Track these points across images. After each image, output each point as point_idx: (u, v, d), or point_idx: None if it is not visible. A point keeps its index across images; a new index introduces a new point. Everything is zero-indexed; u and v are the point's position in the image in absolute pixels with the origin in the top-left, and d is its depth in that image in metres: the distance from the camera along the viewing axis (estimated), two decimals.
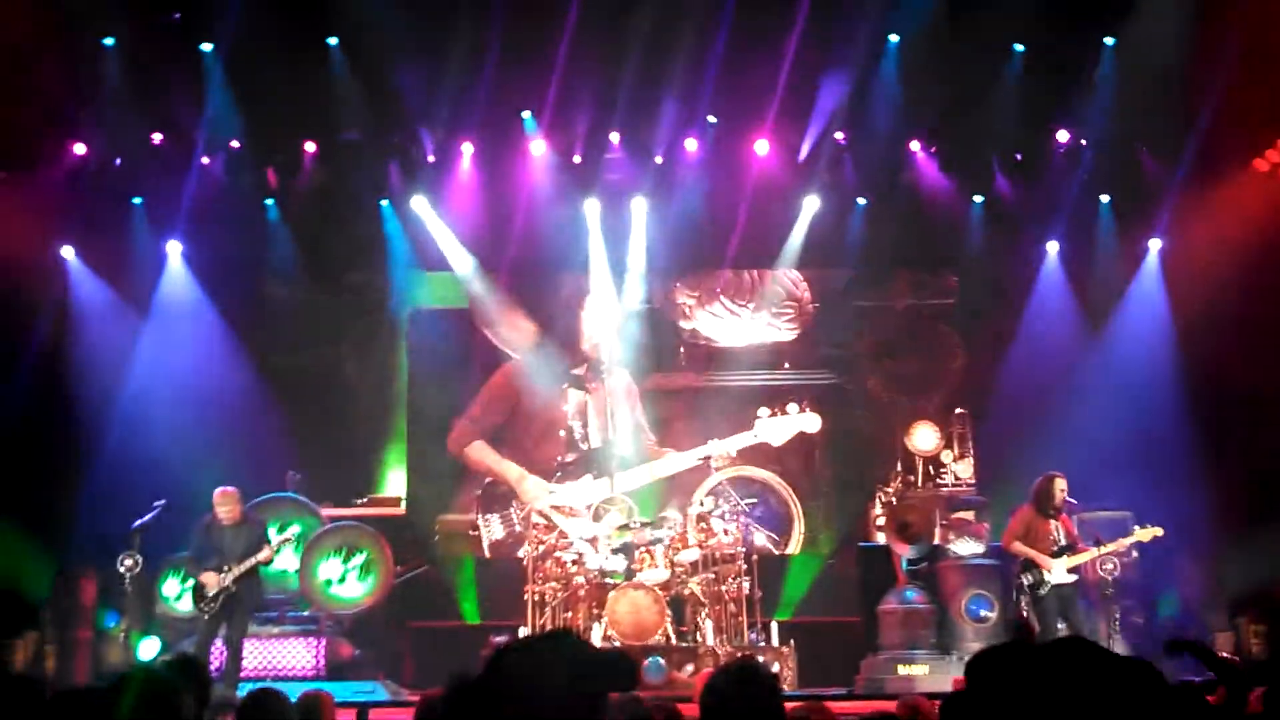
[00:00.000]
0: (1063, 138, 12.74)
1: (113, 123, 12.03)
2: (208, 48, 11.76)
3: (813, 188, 13.11)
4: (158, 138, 12.46)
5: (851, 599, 11.89)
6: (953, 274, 13.74)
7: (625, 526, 10.84)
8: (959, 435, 12.05)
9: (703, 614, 10.45)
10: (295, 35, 11.44)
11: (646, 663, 9.65)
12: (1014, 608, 10.57)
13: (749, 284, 13.76)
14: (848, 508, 13.15)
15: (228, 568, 9.76)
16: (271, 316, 13.11)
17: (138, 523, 10.49)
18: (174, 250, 12.83)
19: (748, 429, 11.68)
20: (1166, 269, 12.79)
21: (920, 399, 13.10)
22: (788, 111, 12.54)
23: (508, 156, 12.99)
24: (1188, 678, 6.77)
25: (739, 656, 9.51)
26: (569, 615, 10.51)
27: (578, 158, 13.02)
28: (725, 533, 10.83)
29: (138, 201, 12.73)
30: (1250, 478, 11.44)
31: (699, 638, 10.35)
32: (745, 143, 12.85)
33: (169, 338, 12.48)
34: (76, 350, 12.18)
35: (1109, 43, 11.96)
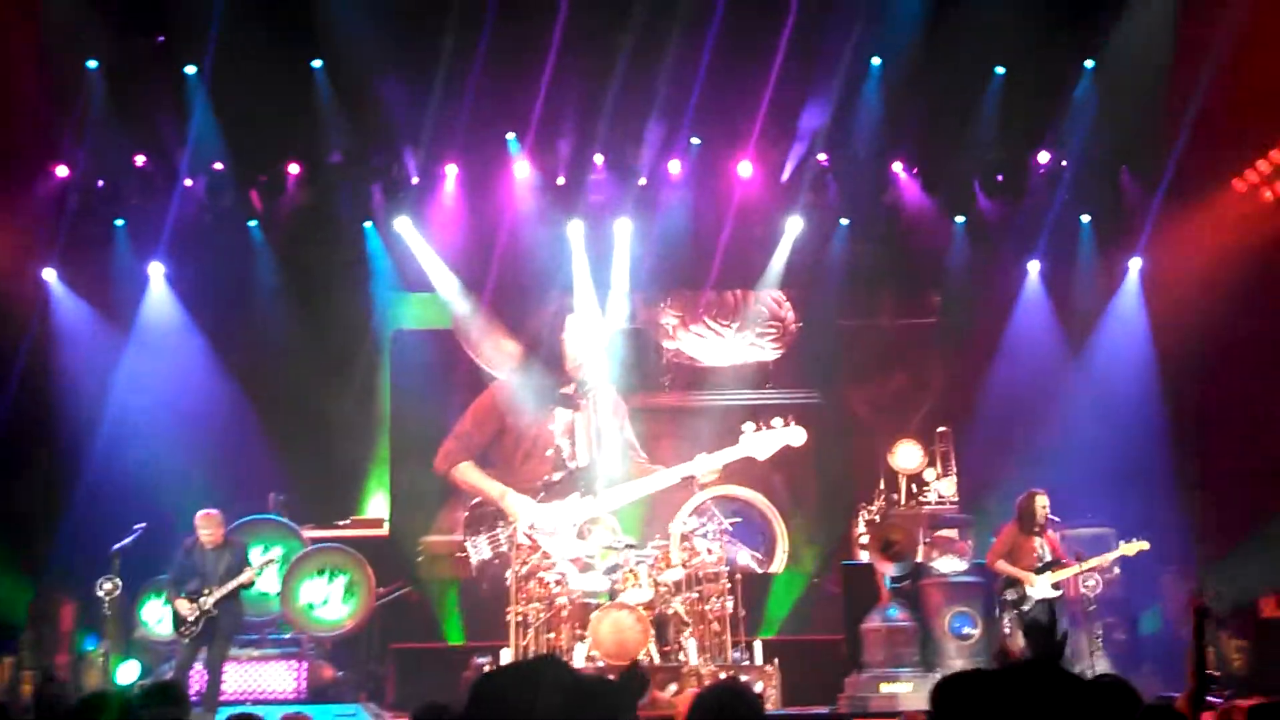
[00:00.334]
0: (1043, 158, 12.85)
1: (96, 145, 12.05)
2: (191, 70, 11.81)
3: (796, 208, 13.17)
4: (141, 160, 12.48)
5: (835, 617, 11.88)
6: (935, 293, 13.80)
7: (610, 546, 10.82)
8: (942, 453, 12.10)
9: (686, 633, 10.43)
10: (278, 57, 11.47)
11: None
12: (998, 625, 10.60)
13: (732, 304, 13.79)
14: (831, 526, 13.16)
15: (209, 590, 9.70)
16: (254, 338, 13.07)
17: (117, 546, 10.45)
18: (156, 272, 12.81)
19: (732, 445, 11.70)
20: (1146, 288, 12.89)
21: (903, 418, 13.13)
22: (770, 133, 12.63)
23: (491, 178, 13.02)
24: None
25: (723, 676, 9.50)
26: (551, 636, 10.47)
27: (561, 179, 13.06)
28: (709, 552, 10.83)
29: (120, 223, 12.72)
30: (1230, 494, 11.51)
31: (682, 658, 10.33)
32: (728, 164, 12.91)
33: (151, 360, 12.44)
34: (57, 373, 12.14)
35: (1089, 65, 12.09)
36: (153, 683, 8.38)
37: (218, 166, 12.63)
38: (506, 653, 10.46)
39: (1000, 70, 12.16)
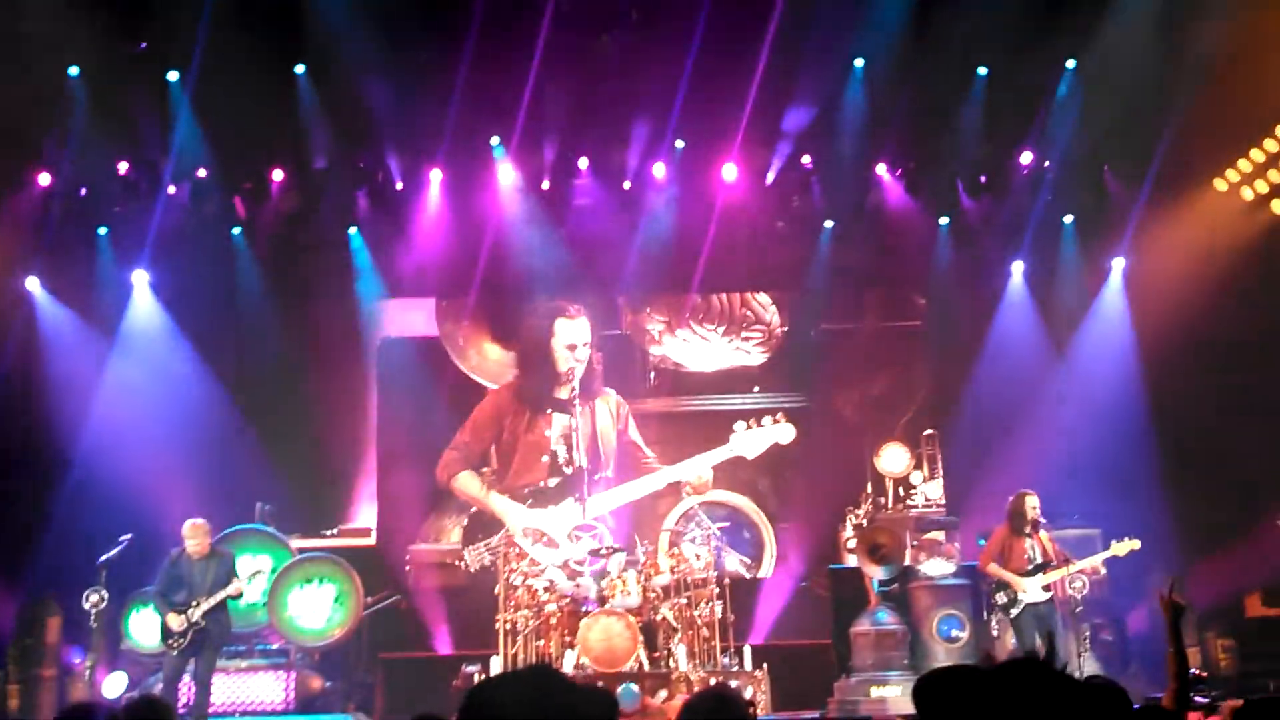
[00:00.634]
0: (1026, 159, 12.86)
1: (79, 152, 11.97)
2: (174, 76, 11.75)
3: (780, 211, 13.17)
4: (124, 167, 12.41)
5: (823, 622, 11.88)
6: (920, 295, 13.82)
7: (597, 551, 10.80)
8: (928, 456, 12.11)
9: (675, 639, 10.41)
10: (261, 63, 11.40)
11: (620, 690, 9.60)
12: (986, 627, 10.62)
13: (718, 308, 13.79)
14: (818, 530, 13.14)
15: (197, 602, 9.64)
16: (239, 346, 13.01)
17: (103, 558, 10.38)
18: (140, 279, 12.75)
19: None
20: (1130, 287, 12.94)
21: (889, 421, 13.14)
22: (755, 136, 12.62)
23: (476, 183, 13.00)
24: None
25: (713, 682, 9.49)
26: (541, 644, 10.44)
27: (546, 183, 13.04)
28: (697, 557, 10.81)
29: (104, 231, 12.65)
30: (1216, 493, 11.55)
31: (672, 663, 10.31)
32: (713, 167, 12.90)
33: (135, 369, 12.37)
34: (41, 382, 12.06)
35: (1071, 65, 12.12)
36: (140, 695, 8.32)
37: (201, 173, 12.56)
38: (496, 661, 10.42)
39: (983, 71, 12.17)
